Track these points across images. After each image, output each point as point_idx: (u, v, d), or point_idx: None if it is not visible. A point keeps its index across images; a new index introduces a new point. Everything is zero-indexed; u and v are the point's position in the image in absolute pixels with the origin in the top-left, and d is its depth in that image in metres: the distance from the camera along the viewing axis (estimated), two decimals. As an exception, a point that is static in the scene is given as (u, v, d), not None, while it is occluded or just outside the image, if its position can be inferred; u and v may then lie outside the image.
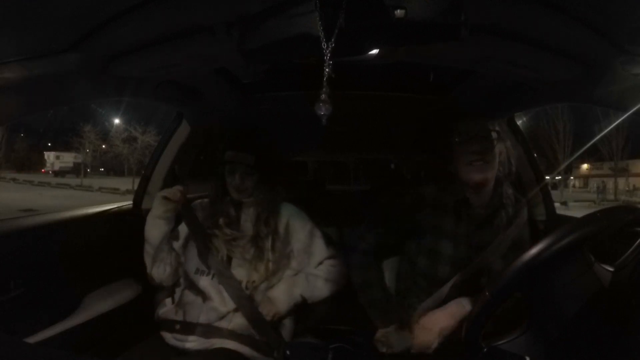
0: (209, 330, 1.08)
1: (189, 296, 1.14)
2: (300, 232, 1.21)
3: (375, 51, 0.79)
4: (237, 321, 1.09)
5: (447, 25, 0.68)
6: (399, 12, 0.62)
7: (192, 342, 1.07)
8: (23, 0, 0.62)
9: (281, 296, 1.14)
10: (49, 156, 29.22)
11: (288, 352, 0.81)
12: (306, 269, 1.20)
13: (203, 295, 1.12)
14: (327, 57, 0.66)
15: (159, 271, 1.18)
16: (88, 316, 1.17)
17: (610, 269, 0.64)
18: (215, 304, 1.10)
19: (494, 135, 1.03)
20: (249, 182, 1.18)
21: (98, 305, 1.22)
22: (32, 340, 0.99)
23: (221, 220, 1.18)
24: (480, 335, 0.65)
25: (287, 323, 1.18)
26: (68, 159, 28.60)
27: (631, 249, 0.64)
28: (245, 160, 1.16)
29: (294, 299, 1.15)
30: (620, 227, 0.63)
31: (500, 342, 0.69)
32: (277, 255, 1.17)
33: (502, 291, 0.63)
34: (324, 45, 0.65)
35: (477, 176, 1.03)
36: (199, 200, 1.29)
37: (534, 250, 0.61)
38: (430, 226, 1.08)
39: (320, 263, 1.21)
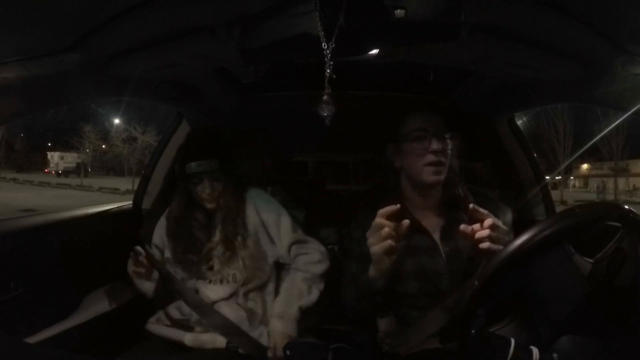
0: (208, 331, 1.08)
1: (186, 300, 1.14)
2: (269, 216, 1.19)
3: (375, 51, 0.79)
4: (236, 322, 1.09)
5: (447, 25, 0.68)
6: (399, 12, 0.63)
7: (192, 342, 1.07)
8: (23, 0, 0.62)
9: (284, 320, 1.09)
10: (53, 156, 29.14)
11: (288, 352, 0.81)
12: (278, 252, 1.19)
13: (199, 299, 1.12)
14: (327, 57, 0.66)
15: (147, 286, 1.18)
16: (88, 316, 1.17)
17: (591, 260, 0.67)
18: (212, 307, 1.10)
19: (448, 135, 0.97)
20: (218, 189, 1.15)
21: (98, 305, 1.22)
22: (32, 340, 0.99)
23: (194, 234, 1.17)
24: (470, 322, 0.67)
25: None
26: (71, 159, 28.58)
27: (610, 244, 0.67)
28: (209, 167, 1.12)
29: (293, 315, 1.10)
30: (600, 223, 0.66)
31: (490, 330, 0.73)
32: (250, 250, 1.15)
33: (489, 280, 0.65)
34: (324, 45, 0.65)
35: (432, 178, 0.95)
36: (165, 214, 1.25)
37: (518, 241, 0.63)
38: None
39: (289, 249, 1.18)
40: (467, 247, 0.95)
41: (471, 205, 0.80)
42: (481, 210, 0.79)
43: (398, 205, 0.80)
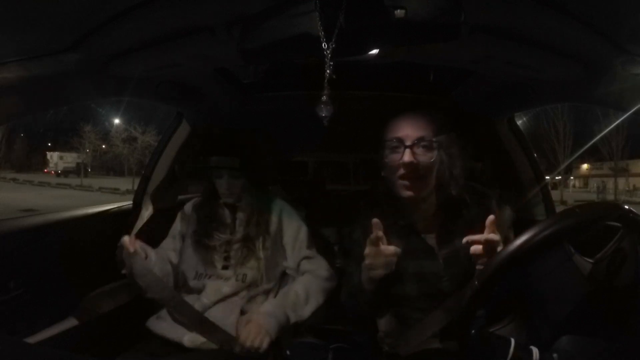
0: (208, 331, 1.08)
1: (188, 298, 1.14)
2: (290, 226, 1.22)
3: (375, 51, 0.79)
4: (236, 321, 1.09)
5: (447, 25, 0.68)
6: (399, 12, 0.63)
7: (192, 342, 1.07)
8: (23, 0, 0.62)
9: (268, 317, 1.06)
10: (52, 156, 29.17)
11: (288, 352, 0.81)
12: (288, 262, 1.20)
13: (201, 298, 1.12)
14: (327, 58, 0.66)
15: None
16: (88, 316, 1.17)
17: (591, 260, 0.67)
18: (214, 305, 1.10)
19: (434, 144, 0.89)
20: (236, 187, 1.17)
21: (98, 305, 1.22)
22: (32, 340, 0.99)
23: (214, 225, 1.18)
24: (470, 322, 0.67)
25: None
26: (71, 159, 28.59)
27: (610, 244, 0.67)
28: (229, 164, 1.15)
29: (279, 318, 1.07)
30: (600, 223, 0.66)
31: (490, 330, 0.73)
32: (269, 253, 1.17)
33: (489, 280, 0.65)
34: (324, 45, 0.65)
35: (405, 193, 0.91)
36: (193, 201, 1.28)
37: (518, 242, 0.63)
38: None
39: (299, 263, 1.20)
40: (466, 248, 0.96)
41: (464, 240, 0.80)
42: (476, 237, 0.78)
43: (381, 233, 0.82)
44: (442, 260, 0.96)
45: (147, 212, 1.53)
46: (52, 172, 27.86)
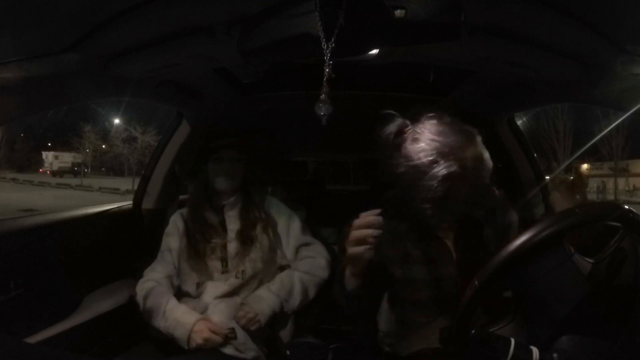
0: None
1: (188, 300, 1.14)
2: (280, 216, 1.24)
3: (375, 51, 0.79)
4: (236, 319, 1.09)
5: (447, 25, 0.68)
6: (399, 12, 0.63)
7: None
8: (23, 0, 0.62)
9: (261, 302, 1.10)
10: (47, 156, 29.06)
11: (288, 352, 0.81)
12: (284, 253, 1.21)
13: (202, 299, 1.12)
14: (327, 57, 0.66)
15: None
16: (88, 316, 1.17)
17: (591, 260, 0.67)
18: (214, 307, 1.10)
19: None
20: (238, 170, 1.19)
21: (98, 305, 1.22)
22: (32, 340, 0.98)
23: (206, 231, 1.18)
24: (469, 321, 0.67)
25: (287, 323, 1.18)
26: (67, 159, 28.51)
27: (610, 243, 0.67)
28: (233, 145, 1.18)
29: (272, 305, 1.10)
30: (600, 223, 0.66)
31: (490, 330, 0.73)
32: (264, 246, 1.17)
33: (489, 279, 0.65)
34: (324, 45, 0.65)
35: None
36: (180, 212, 1.27)
37: (518, 242, 0.63)
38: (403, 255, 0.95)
39: (297, 250, 1.21)
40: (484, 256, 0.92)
41: None
42: None
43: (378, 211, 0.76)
44: (458, 265, 0.92)
45: (147, 212, 1.53)
46: (49, 172, 27.74)
